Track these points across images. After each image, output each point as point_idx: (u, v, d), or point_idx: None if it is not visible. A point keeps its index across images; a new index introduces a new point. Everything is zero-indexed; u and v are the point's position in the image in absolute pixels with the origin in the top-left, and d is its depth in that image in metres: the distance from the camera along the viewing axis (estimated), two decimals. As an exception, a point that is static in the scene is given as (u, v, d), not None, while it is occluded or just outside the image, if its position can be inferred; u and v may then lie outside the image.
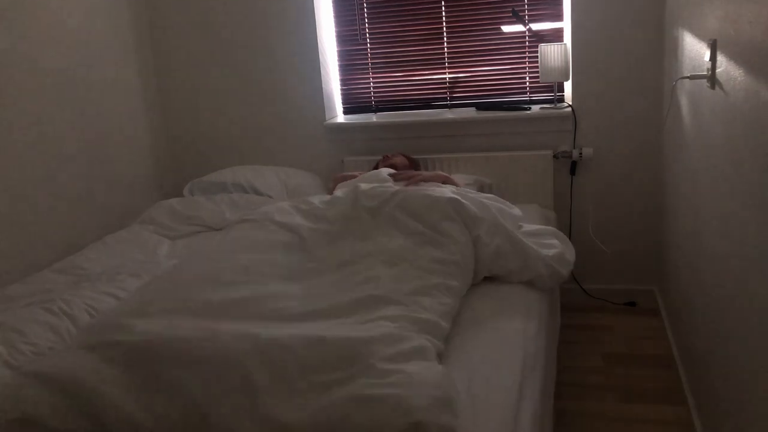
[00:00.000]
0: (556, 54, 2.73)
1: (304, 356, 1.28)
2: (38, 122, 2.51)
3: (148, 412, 1.23)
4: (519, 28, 2.94)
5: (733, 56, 1.46)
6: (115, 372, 1.30)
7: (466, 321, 1.72)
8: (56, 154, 2.59)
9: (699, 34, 1.87)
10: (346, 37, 3.15)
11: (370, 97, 3.21)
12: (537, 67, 2.88)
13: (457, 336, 1.64)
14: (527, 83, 3.00)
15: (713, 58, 1.66)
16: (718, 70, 1.63)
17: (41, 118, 2.52)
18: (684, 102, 2.17)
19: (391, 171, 2.65)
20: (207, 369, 1.26)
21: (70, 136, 2.67)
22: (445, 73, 3.09)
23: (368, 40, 3.13)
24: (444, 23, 3.02)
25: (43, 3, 2.55)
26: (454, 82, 3.09)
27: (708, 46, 1.69)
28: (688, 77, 1.93)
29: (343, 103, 3.26)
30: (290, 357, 1.27)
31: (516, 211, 2.26)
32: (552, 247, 2.08)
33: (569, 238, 2.98)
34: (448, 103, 3.12)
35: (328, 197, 2.28)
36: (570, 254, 2.11)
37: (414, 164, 2.88)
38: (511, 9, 2.89)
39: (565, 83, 2.94)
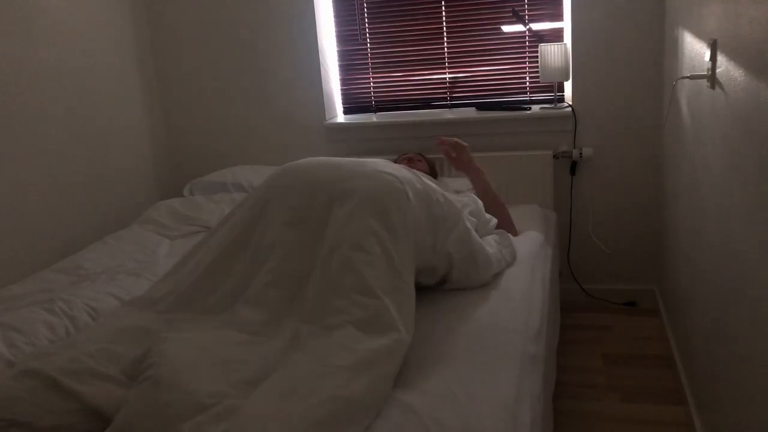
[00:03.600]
0: (556, 54, 2.73)
1: None
2: (39, 122, 2.51)
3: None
4: (519, 28, 2.94)
5: (733, 56, 1.46)
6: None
7: (465, 318, 1.72)
8: (56, 154, 2.59)
9: (699, 34, 1.87)
10: (346, 37, 3.15)
11: (370, 97, 3.21)
12: (537, 67, 2.88)
13: (456, 334, 1.64)
14: (527, 83, 3.00)
15: (713, 58, 1.66)
16: (718, 70, 1.63)
17: (41, 118, 2.52)
18: (684, 102, 2.17)
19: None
20: None
21: (71, 136, 2.67)
22: (445, 73, 3.09)
23: (368, 40, 3.13)
24: (444, 23, 3.02)
25: (44, 5, 2.55)
26: (454, 82, 3.09)
27: (708, 46, 1.69)
28: (688, 77, 1.93)
29: (343, 103, 3.26)
30: None
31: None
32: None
33: (569, 239, 3.00)
34: (448, 103, 3.12)
35: None
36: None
37: (433, 170, 2.68)
38: (511, 9, 2.89)
39: (565, 83, 2.94)
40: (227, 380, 1.28)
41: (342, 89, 3.24)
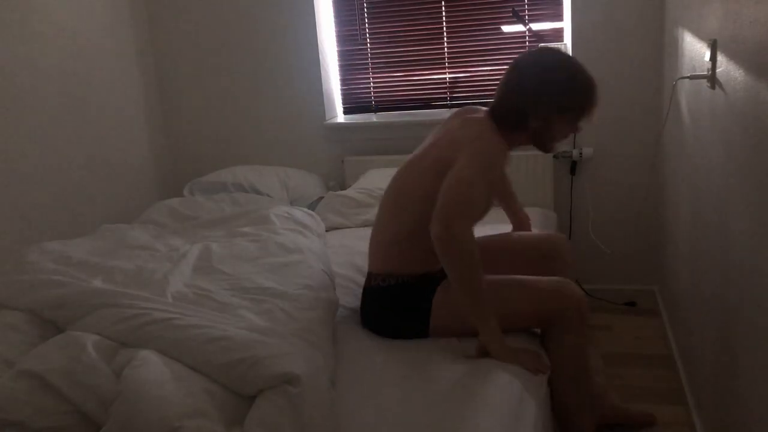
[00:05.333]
0: (556, 54, 2.73)
1: None
2: (39, 123, 2.51)
3: None
4: (519, 28, 2.94)
5: (733, 56, 1.46)
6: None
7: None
8: (56, 154, 2.59)
9: (699, 34, 1.87)
10: (346, 37, 3.15)
11: (370, 97, 3.21)
12: (537, 67, 2.88)
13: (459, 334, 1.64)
14: (527, 83, 3.00)
15: (713, 58, 1.66)
16: (718, 70, 1.63)
17: (42, 118, 2.52)
18: (684, 102, 2.17)
19: None
20: None
21: (71, 136, 2.67)
22: (445, 73, 3.09)
23: (368, 40, 3.13)
24: (444, 23, 3.02)
25: (44, 5, 2.55)
26: (454, 82, 3.09)
27: (708, 46, 1.69)
28: (688, 77, 1.93)
29: (343, 103, 3.26)
30: None
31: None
32: None
33: (569, 239, 2.99)
34: (448, 103, 3.12)
35: None
36: None
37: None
38: (511, 9, 2.89)
39: (565, 83, 2.93)
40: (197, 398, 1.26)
41: (342, 89, 3.24)
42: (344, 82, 3.22)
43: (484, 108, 1.77)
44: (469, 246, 1.50)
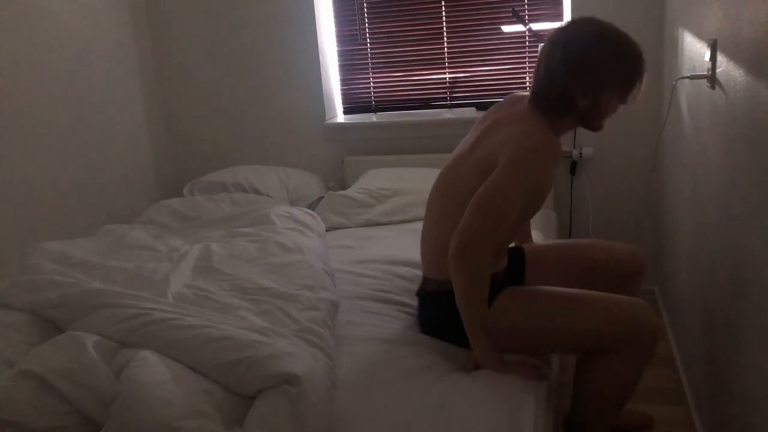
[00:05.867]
0: (556, 54, 2.73)
1: None
2: (38, 123, 2.51)
3: None
4: (519, 28, 2.94)
5: (733, 56, 1.46)
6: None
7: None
8: (56, 155, 2.60)
9: (699, 34, 1.87)
10: (346, 37, 3.15)
11: (370, 97, 3.21)
12: (537, 67, 2.88)
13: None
14: (527, 83, 3.00)
15: (713, 58, 1.66)
16: (718, 70, 1.63)
17: (41, 119, 2.52)
18: (684, 102, 2.17)
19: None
20: None
21: (71, 136, 2.67)
22: (445, 73, 3.09)
23: (368, 40, 3.13)
24: (444, 23, 3.02)
25: (44, 5, 2.55)
26: (454, 82, 3.09)
27: (708, 46, 1.69)
28: (688, 77, 1.93)
29: (343, 103, 3.26)
30: None
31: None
32: None
33: (569, 239, 2.99)
34: (448, 103, 3.12)
35: None
36: None
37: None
38: (511, 9, 2.88)
39: (565, 83, 2.93)
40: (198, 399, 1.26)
41: (342, 89, 3.24)
42: (344, 82, 3.22)
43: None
44: (483, 272, 1.46)
